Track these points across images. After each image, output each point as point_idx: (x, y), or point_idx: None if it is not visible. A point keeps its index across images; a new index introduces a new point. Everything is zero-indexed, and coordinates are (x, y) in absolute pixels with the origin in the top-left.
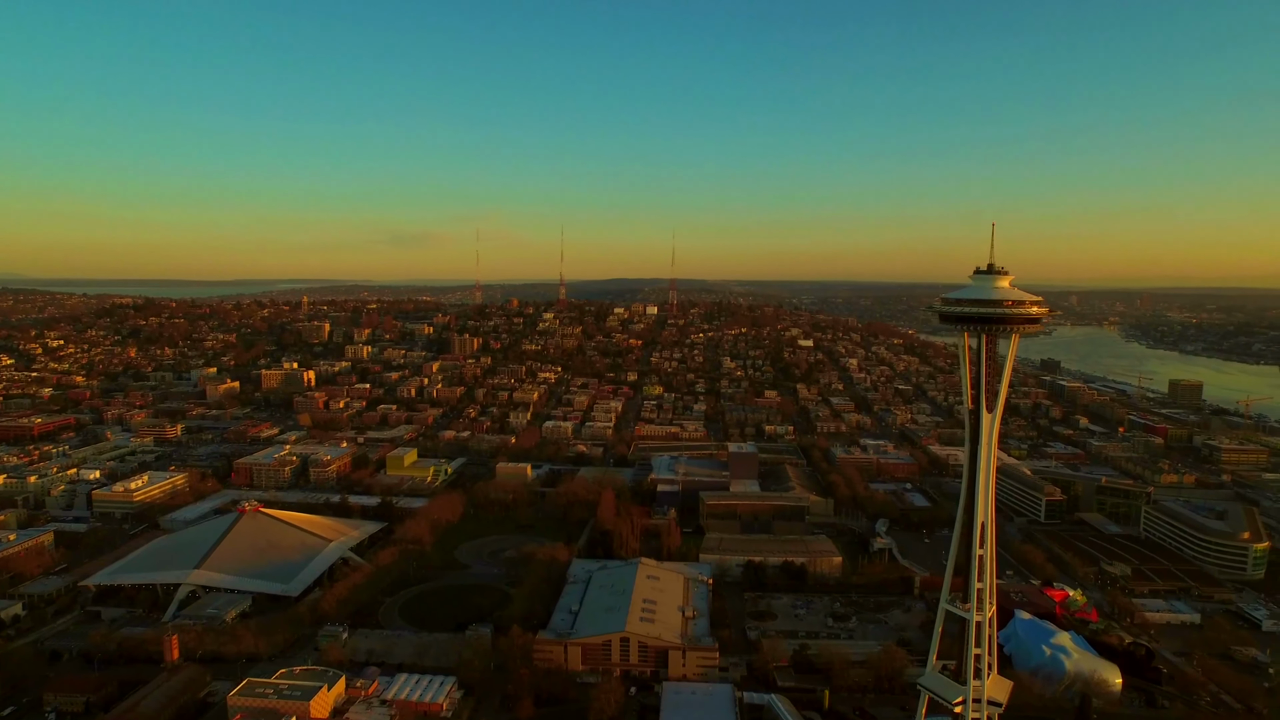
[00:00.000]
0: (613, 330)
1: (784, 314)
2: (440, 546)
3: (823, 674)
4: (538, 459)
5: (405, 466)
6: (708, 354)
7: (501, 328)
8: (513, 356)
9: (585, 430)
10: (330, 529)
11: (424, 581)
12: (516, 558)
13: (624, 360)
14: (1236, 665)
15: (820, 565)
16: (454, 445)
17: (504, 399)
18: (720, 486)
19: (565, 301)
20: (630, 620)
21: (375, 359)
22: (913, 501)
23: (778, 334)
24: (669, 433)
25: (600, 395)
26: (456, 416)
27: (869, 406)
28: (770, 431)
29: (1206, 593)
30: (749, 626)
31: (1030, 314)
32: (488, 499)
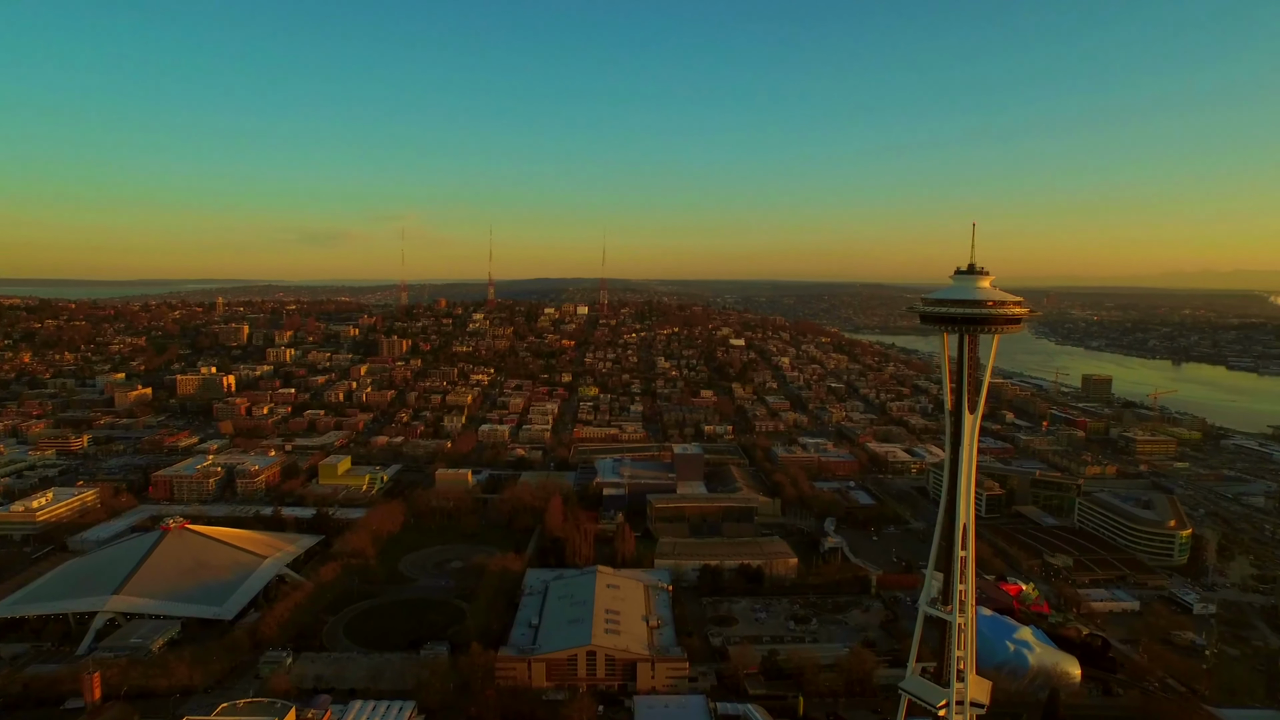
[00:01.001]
0: (544, 331)
1: (714, 313)
2: (383, 559)
3: (792, 679)
4: (476, 464)
5: (339, 475)
6: (641, 354)
7: (430, 329)
8: (444, 358)
9: (523, 433)
10: (264, 544)
11: (369, 598)
12: (465, 569)
13: (557, 361)
14: (1176, 649)
15: (777, 567)
16: (388, 451)
17: (437, 402)
18: (667, 489)
19: (494, 302)
20: (595, 632)
21: (299, 362)
22: (858, 499)
23: (709, 333)
24: (608, 434)
25: (535, 397)
26: (388, 421)
27: (804, 405)
28: (710, 432)
29: (1141, 580)
30: (711, 633)
31: (1012, 314)
32: (429, 507)
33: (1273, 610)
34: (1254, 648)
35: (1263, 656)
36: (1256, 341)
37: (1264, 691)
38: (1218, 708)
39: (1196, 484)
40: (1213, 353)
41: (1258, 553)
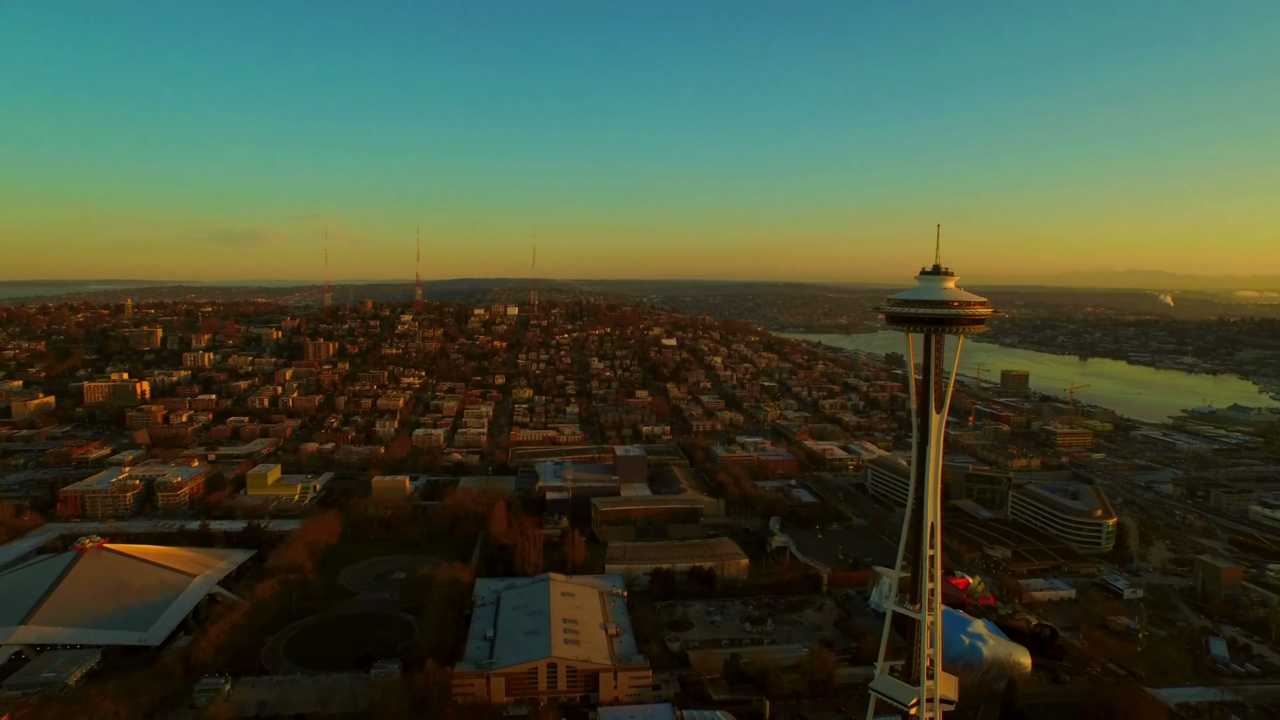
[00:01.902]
0: (475, 332)
1: (644, 313)
2: (322, 573)
3: (755, 683)
4: (413, 470)
5: (269, 485)
6: (574, 355)
7: (357, 331)
8: (372, 361)
9: (458, 437)
10: (192, 562)
11: (309, 614)
12: (410, 580)
13: (490, 363)
14: (1113, 633)
15: (728, 568)
16: (319, 459)
17: (367, 407)
18: (611, 492)
19: (422, 302)
20: (555, 643)
21: (219, 367)
22: (800, 498)
23: (641, 333)
24: (546, 437)
25: (469, 400)
26: (317, 427)
27: (738, 404)
28: (647, 432)
29: (1074, 568)
30: (669, 638)
31: (977, 314)
32: (366, 516)
33: (1191, 592)
34: (1179, 628)
35: (1188, 636)
36: (1152, 338)
37: (1192, 669)
38: (1154, 689)
39: (1112, 474)
40: (1115, 348)
41: (1173, 538)
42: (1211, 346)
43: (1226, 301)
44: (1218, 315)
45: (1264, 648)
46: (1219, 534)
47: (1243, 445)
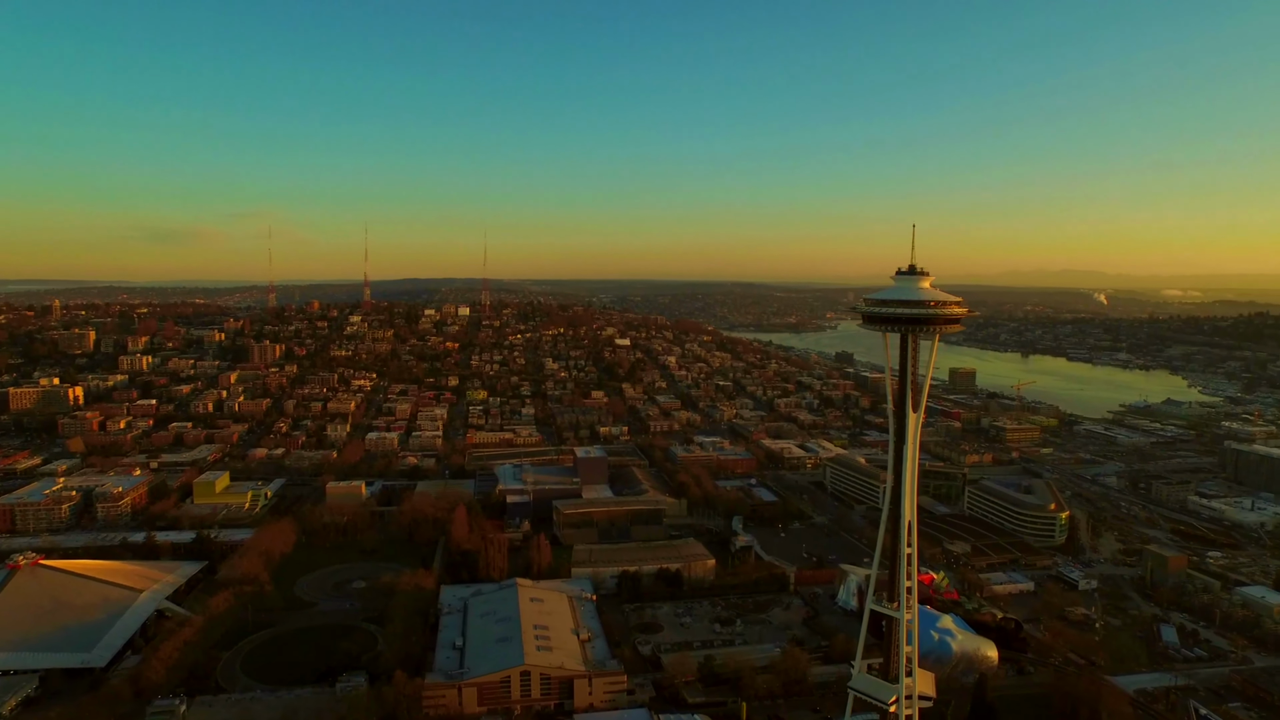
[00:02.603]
0: (426, 333)
1: (597, 313)
2: (277, 583)
3: (729, 684)
4: (367, 475)
5: (217, 493)
6: (528, 355)
7: (304, 332)
8: (321, 363)
9: (413, 440)
10: (137, 576)
11: (267, 627)
12: (371, 589)
13: (443, 364)
14: (1071, 624)
15: (695, 569)
16: (268, 465)
17: (317, 410)
18: (572, 494)
19: (371, 303)
20: (527, 651)
21: (159, 370)
22: (761, 497)
23: (594, 333)
24: (503, 439)
25: (422, 402)
26: (266, 432)
27: (694, 403)
28: (605, 433)
29: (1030, 561)
30: (639, 641)
31: (952, 314)
32: (321, 524)
33: (1141, 581)
34: (1131, 616)
35: (1140, 624)
36: (1089, 335)
37: (1146, 656)
38: (1113, 676)
39: (1060, 468)
40: (1054, 346)
41: (1120, 529)
42: (1143, 343)
43: (1155, 300)
44: (1148, 313)
45: (1210, 632)
46: (1162, 524)
47: (1177, 438)
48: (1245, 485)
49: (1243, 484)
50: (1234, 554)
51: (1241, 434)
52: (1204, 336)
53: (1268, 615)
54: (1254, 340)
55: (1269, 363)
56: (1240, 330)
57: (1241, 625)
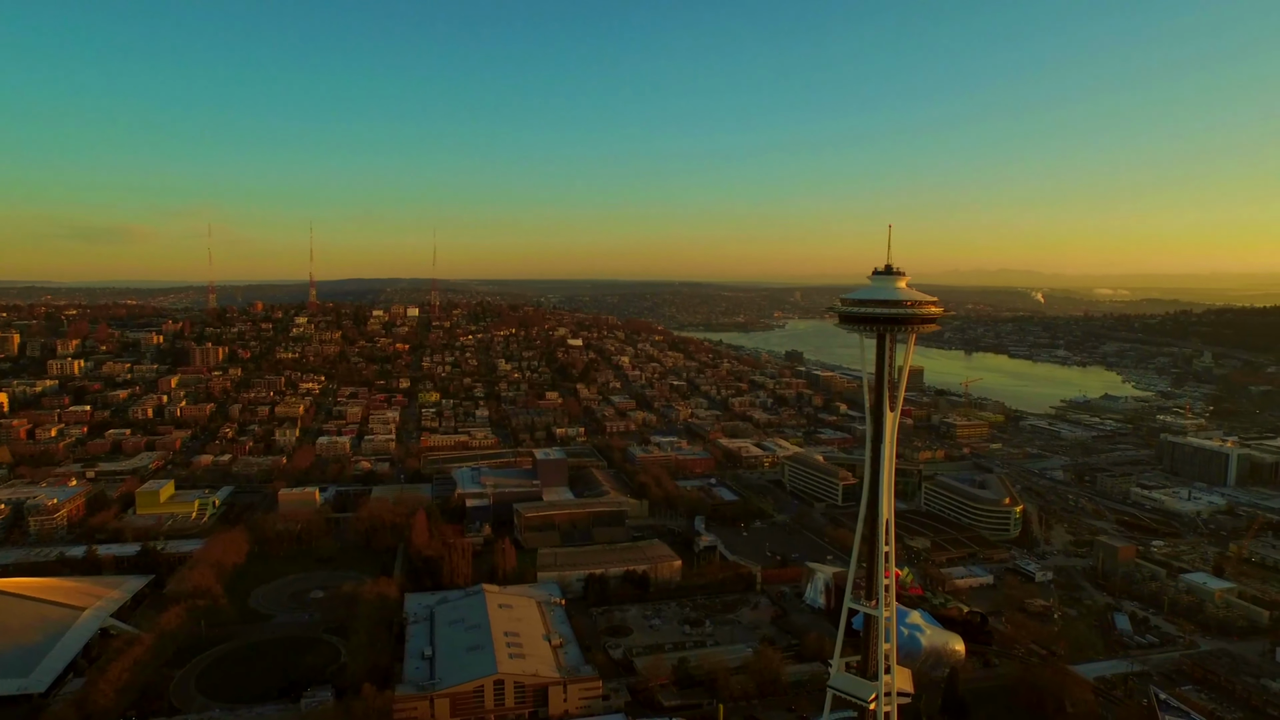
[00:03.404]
0: (375, 334)
1: (548, 313)
2: (231, 595)
3: (704, 686)
4: (320, 480)
5: (162, 503)
6: (480, 356)
7: (248, 334)
8: (267, 366)
9: (365, 444)
10: (78, 593)
11: (222, 642)
12: (330, 598)
13: (393, 366)
14: (1031, 616)
15: (661, 571)
16: (215, 472)
17: (265, 415)
18: (533, 497)
19: (317, 304)
20: (500, 659)
21: (92, 375)
22: (721, 496)
23: (546, 334)
24: (458, 442)
25: (373, 405)
26: (211, 438)
27: (649, 403)
28: (561, 434)
29: (988, 555)
30: (609, 645)
31: (929, 314)
32: (275, 532)
33: (1093, 571)
34: (1086, 606)
35: (1094, 613)
36: (1029, 333)
37: (1102, 645)
38: (1074, 665)
39: (1009, 462)
40: (996, 343)
41: (1070, 521)
42: (1080, 340)
43: (1088, 298)
44: (1083, 311)
45: (1159, 619)
46: (1108, 515)
47: (1116, 432)
48: (1180, 476)
49: (1178, 475)
50: (1175, 542)
51: (1175, 427)
52: (1134, 334)
53: (1210, 600)
54: (1179, 337)
55: (1194, 358)
56: (1167, 328)
57: (1187, 611)
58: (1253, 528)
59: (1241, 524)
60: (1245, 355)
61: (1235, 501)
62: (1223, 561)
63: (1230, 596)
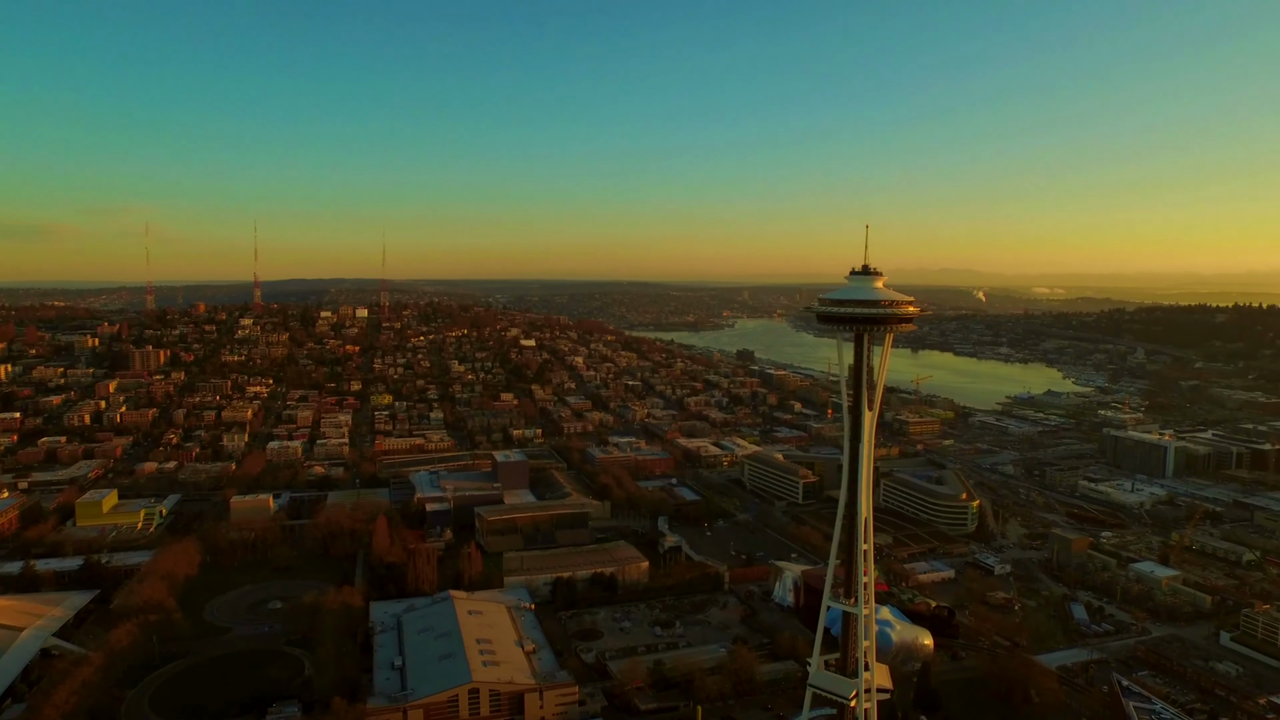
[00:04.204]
0: (324, 336)
1: (499, 314)
2: (185, 609)
3: (680, 688)
4: (272, 487)
5: (105, 513)
6: (432, 358)
7: (191, 336)
8: (212, 370)
9: (318, 449)
10: (14, 612)
11: (177, 658)
12: (291, 609)
13: (344, 368)
14: (993, 608)
15: (629, 573)
16: (160, 480)
17: (211, 420)
18: (494, 500)
19: (262, 305)
20: (473, 667)
21: (21, 380)
22: (683, 496)
23: (499, 334)
24: (413, 445)
25: (324, 408)
26: (154, 445)
27: (605, 404)
28: (518, 436)
29: (947, 549)
30: (580, 649)
31: (906, 314)
32: (227, 542)
33: (1048, 563)
34: (1043, 597)
35: (1052, 604)
36: (972, 331)
37: (1062, 634)
38: (1037, 655)
39: (961, 458)
40: (941, 341)
41: (1022, 515)
42: (1021, 338)
43: (1026, 297)
44: (1023, 310)
45: (1112, 607)
46: (1058, 508)
47: (1060, 427)
48: (1123, 468)
49: (1120, 467)
50: (1122, 533)
51: (1115, 422)
52: (1072, 331)
53: (1158, 588)
54: (1113, 334)
55: (1128, 355)
56: (1102, 325)
57: (1138, 599)
58: (1194, 518)
59: (1181, 513)
60: (1174, 351)
61: (1174, 492)
62: (1167, 550)
63: (1176, 584)
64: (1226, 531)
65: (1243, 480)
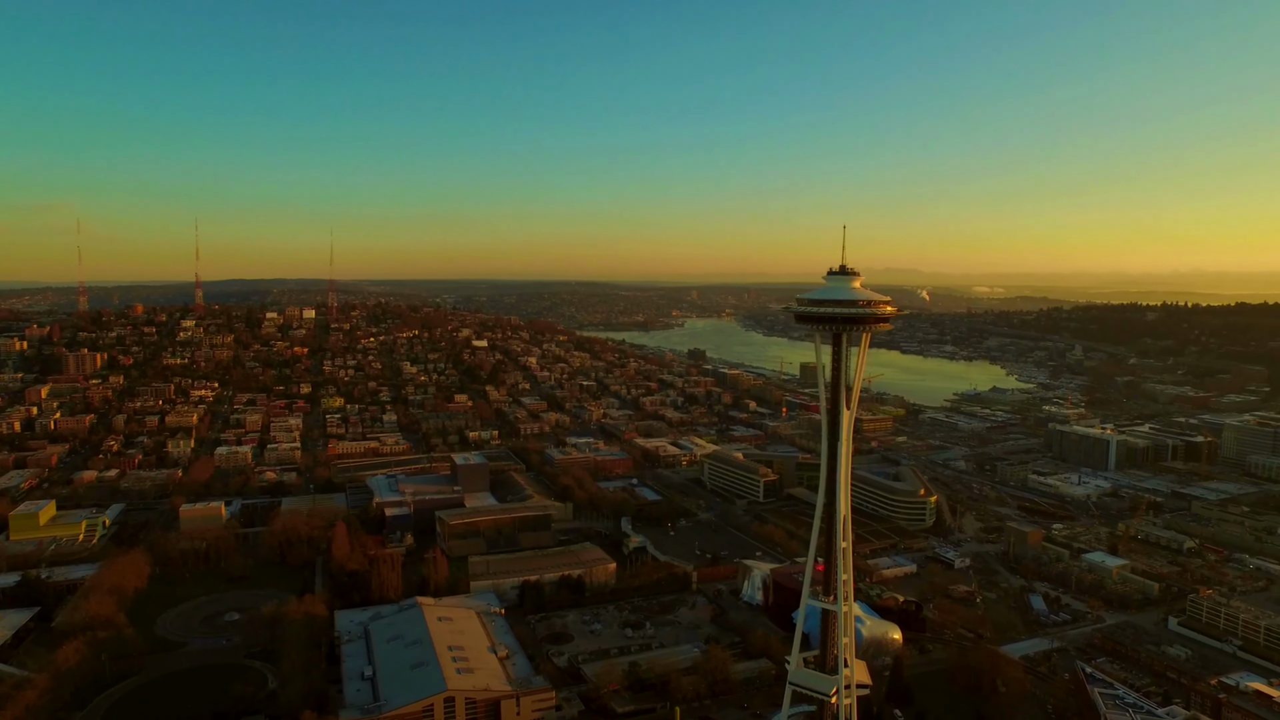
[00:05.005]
0: (271, 337)
1: (450, 314)
2: (136, 624)
3: (655, 690)
4: (223, 494)
5: (42, 525)
6: (384, 359)
7: (129, 338)
8: (153, 373)
9: (269, 454)
10: None
11: (130, 675)
12: (249, 620)
13: (292, 371)
14: (955, 601)
15: (597, 574)
16: (101, 489)
17: (154, 425)
18: (455, 503)
19: (204, 306)
20: (447, 675)
21: None
22: (645, 496)
23: (450, 335)
24: (368, 448)
25: (274, 412)
26: (93, 452)
27: (560, 404)
28: (474, 438)
29: (908, 545)
30: (551, 653)
31: (883, 313)
32: (178, 552)
33: (1004, 555)
34: (1003, 589)
35: (1011, 595)
36: (918, 329)
37: (1022, 625)
38: (1000, 646)
39: (914, 454)
40: (888, 339)
41: (977, 509)
42: (965, 336)
43: (968, 296)
44: (965, 308)
45: (1068, 597)
46: (1010, 502)
47: (1007, 422)
48: (1068, 462)
49: (1065, 461)
50: (1072, 524)
51: (1059, 417)
52: (1013, 329)
53: (1109, 577)
54: (1052, 332)
55: (1066, 352)
56: (1041, 323)
57: (1091, 588)
58: (1140, 508)
59: (1125, 504)
60: (1109, 349)
61: (1118, 484)
62: (1115, 541)
63: (1126, 573)
64: (1168, 521)
65: (1179, 471)
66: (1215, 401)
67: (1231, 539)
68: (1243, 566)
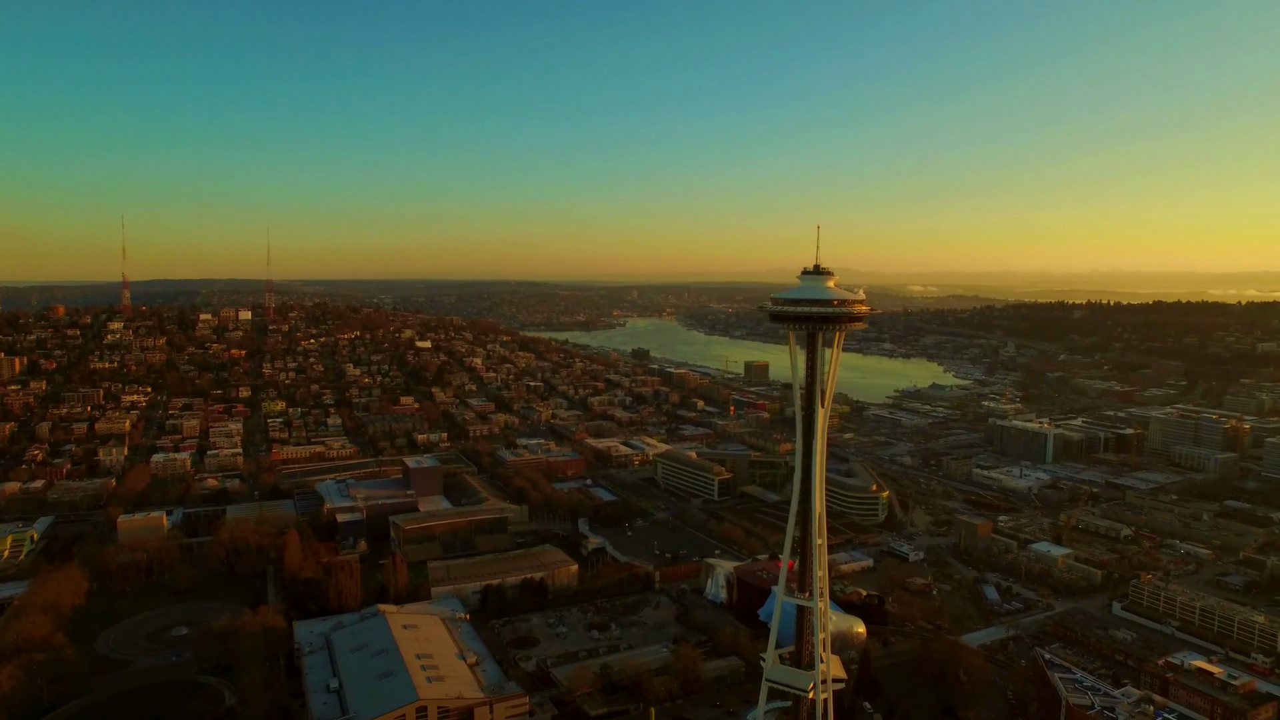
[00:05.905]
0: (205, 340)
1: (393, 315)
2: (75, 643)
3: (627, 691)
4: (162, 503)
5: None
6: (325, 361)
7: (51, 341)
8: (79, 378)
9: (209, 460)
10: None
11: (72, 699)
12: (199, 635)
13: (230, 374)
14: (912, 593)
15: (559, 576)
16: (26, 501)
17: (82, 433)
18: (408, 508)
19: (132, 307)
20: (418, 684)
21: None
22: (600, 497)
23: (393, 336)
24: (313, 453)
25: (212, 417)
26: (16, 462)
27: (508, 405)
28: (423, 441)
29: (863, 540)
30: (519, 657)
31: (857, 312)
32: (117, 565)
33: (956, 548)
34: (956, 581)
35: (965, 587)
36: None
37: (978, 615)
38: (959, 636)
39: (861, 451)
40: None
41: (926, 503)
42: (902, 334)
43: (903, 295)
44: (901, 307)
45: (1019, 586)
46: (956, 496)
47: (948, 418)
48: (1008, 455)
49: (1006, 455)
50: (1017, 516)
51: (998, 412)
52: (948, 327)
53: (1055, 566)
54: (986, 330)
55: (1000, 349)
56: (975, 321)
57: (1039, 577)
58: (1081, 499)
59: (1064, 496)
60: (1040, 345)
61: (1056, 476)
62: (1058, 531)
63: (1070, 561)
64: (1105, 510)
65: (1111, 463)
66: (1139, 395)
67: (1163, 526)
68: (1174, 551)
